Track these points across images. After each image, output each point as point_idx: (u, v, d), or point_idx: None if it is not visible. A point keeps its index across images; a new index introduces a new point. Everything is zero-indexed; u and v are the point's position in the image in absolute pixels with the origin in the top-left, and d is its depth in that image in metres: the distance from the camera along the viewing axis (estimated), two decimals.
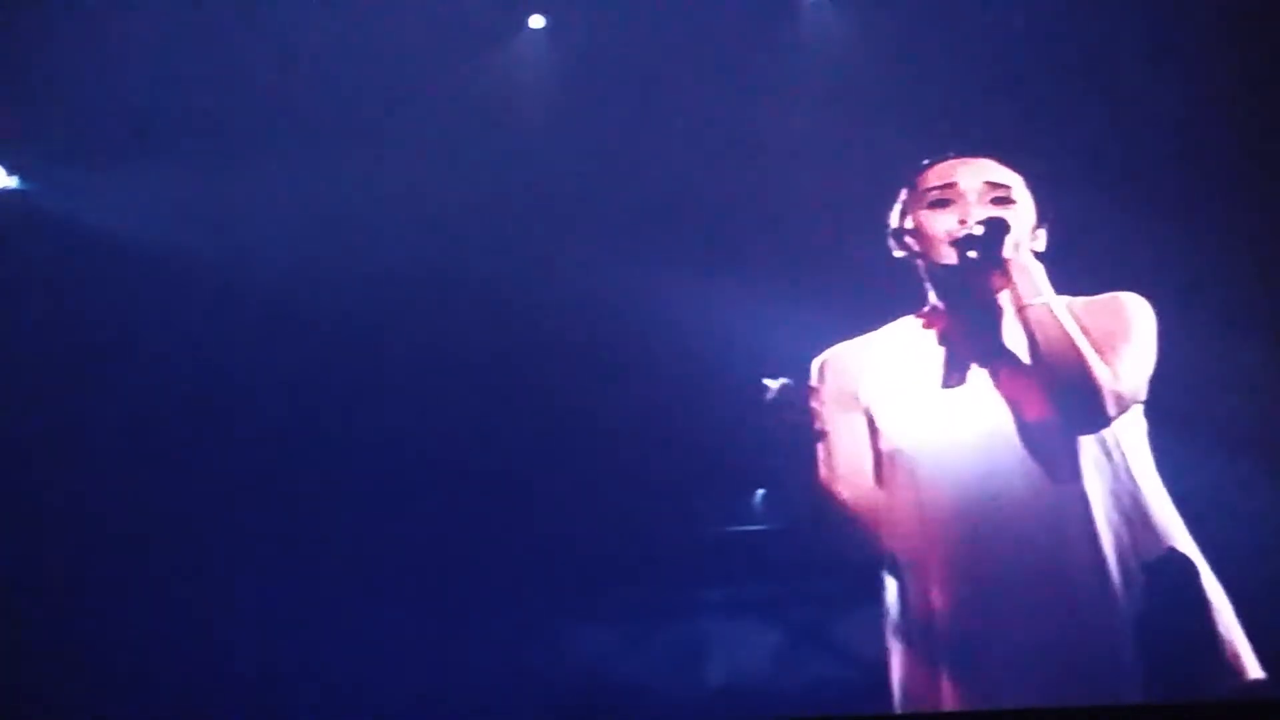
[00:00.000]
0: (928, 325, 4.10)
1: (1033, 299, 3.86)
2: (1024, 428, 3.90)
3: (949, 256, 3.97)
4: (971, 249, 3.91)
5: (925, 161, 4.13)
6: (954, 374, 3.99)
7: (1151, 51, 5.21)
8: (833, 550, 4.16)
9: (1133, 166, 5.08)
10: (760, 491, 5.20)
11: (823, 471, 4.04)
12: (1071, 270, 4.05)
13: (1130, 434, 3.93)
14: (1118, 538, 3.83)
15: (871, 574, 4.20)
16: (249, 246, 5.43)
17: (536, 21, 5.69)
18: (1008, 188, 4.04)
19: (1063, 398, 3.82)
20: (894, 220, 4.16)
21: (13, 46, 5.51)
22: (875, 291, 4.41)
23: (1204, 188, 5.07)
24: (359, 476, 5.20)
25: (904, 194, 4.15)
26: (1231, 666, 3.82)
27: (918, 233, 4.06)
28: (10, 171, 5.70)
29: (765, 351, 4.87)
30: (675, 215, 5.32)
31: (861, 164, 5.06)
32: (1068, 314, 3.87)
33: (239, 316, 5.38)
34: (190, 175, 5.49)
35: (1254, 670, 3.83)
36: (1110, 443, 3.89)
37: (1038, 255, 4.02)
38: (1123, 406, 3.85)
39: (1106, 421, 3.84)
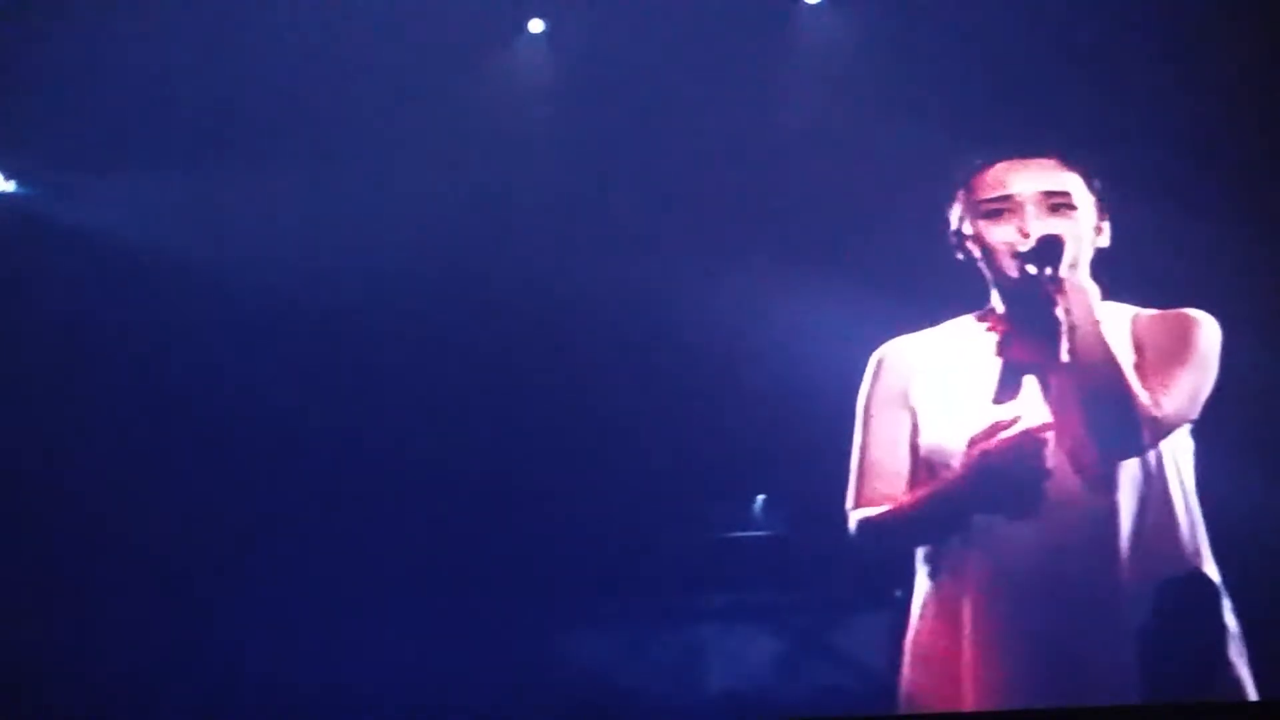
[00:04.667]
0: (984, 328, 4.06)
1: (1083, 322, 3.82)
2: (1064, 443, 3.87)
3: (1008, 268, 3.94)
4: (1029, 265, 3.89)
5: (978, 162, 4.07)
6: (1004, 382, 3.94)
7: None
8: (838, 555, 4.16)
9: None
10: (762, 497, 5.21)
11: (859, 465, 4.05)
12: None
13: (1173, 451, 3.90)
14: (1145, 552, 3.82)
15: (875, 578, 4.20)
16: (249, 250, 5.41)
17: (536, 26, 5.68)
18: (1066, 194, 3.98)
19: (1101, 423, 3.80)
20: (953, 223, 4.10)
21: (11, 50, 5.50)
22: (876, 296, 4.43)
23: None
24: (362, 481, 5.20)
25: (960, 196, 4.08)
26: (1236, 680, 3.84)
27: (977, 240, 4.03)
28: (9, 176, 5.69)
29: (768, 356, 4.92)
30: (676, 219, 5.32)
31: (862, 167, 5.08)
32: (1118, 340, 3.84)
33: (240, 320, 5.37)
34: (191, 179, 5.49)
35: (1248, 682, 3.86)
36: (1150, 459, 3.87)
37: (1103, 252, 3.97)
38: (1161, 434, 3.82)
39: (1142, 450, 3.82)
